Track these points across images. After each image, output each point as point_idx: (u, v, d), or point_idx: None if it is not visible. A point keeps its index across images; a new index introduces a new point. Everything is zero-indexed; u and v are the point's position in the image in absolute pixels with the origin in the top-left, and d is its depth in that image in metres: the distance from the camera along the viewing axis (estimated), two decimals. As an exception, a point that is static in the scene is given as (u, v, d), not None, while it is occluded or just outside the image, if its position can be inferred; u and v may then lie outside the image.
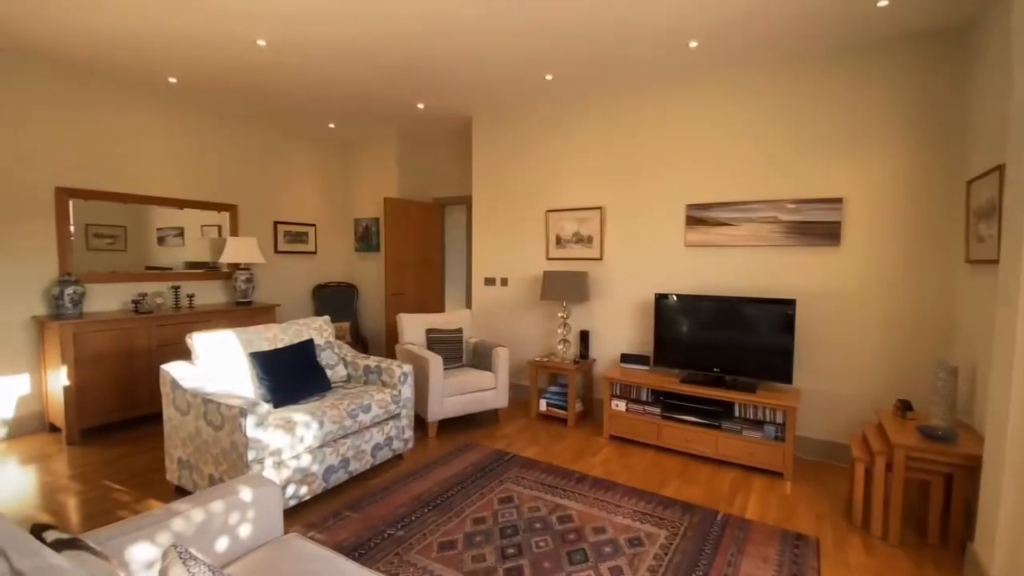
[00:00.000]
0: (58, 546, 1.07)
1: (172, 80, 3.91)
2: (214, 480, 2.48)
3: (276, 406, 2.79)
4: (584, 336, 4.13)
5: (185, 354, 3.99)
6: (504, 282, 4.71)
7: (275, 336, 3.12)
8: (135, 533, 1.28)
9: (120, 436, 3.62)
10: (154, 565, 1.29)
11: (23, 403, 3.59)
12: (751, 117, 3.50)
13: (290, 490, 2.48)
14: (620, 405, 3.63)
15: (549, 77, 3.80)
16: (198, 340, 2.76)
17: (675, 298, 3.62)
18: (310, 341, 3.22)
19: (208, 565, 0.79)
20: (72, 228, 3.79)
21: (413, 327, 4.08)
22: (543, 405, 4.08)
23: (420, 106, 4.52)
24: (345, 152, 6.08)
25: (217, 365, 2.78)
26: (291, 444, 2.49)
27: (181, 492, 2.77)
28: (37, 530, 1.14)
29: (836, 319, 3.29)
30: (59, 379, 3.40)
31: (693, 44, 3.19)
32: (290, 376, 2.93)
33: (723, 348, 3.43)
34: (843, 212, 3.22)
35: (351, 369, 3.43)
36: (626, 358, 3.86)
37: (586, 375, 4.20)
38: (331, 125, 5.21)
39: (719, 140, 3.62)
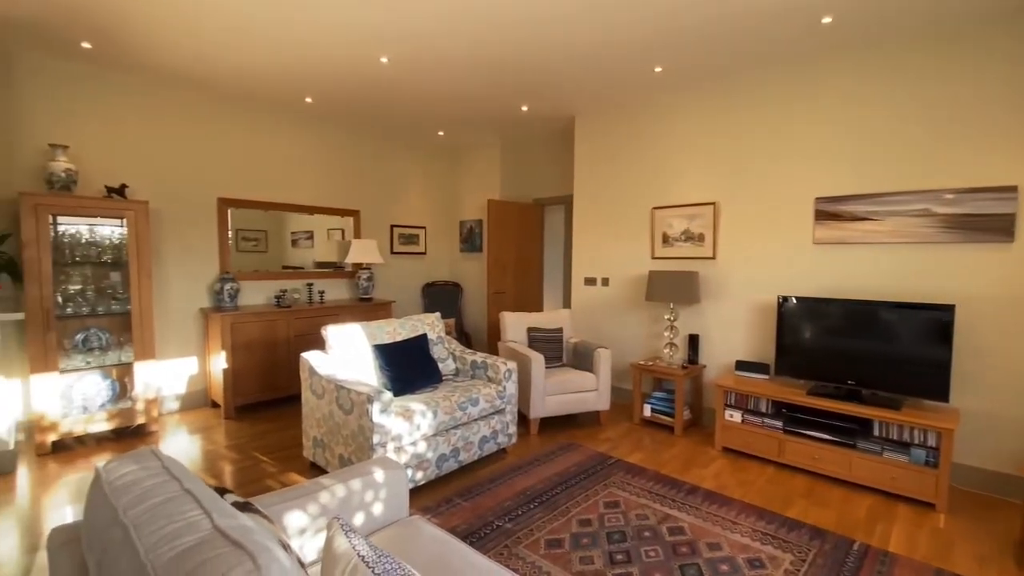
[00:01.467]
0: (236, 507, 1.25)
1: (308, 100, 4.39)
2: (344, 459, 2.74)
3: (395, 395, 3.01)
4: (693, 340, 3.92)
5: (317, 343, 4.46)
6: (605, 282, 4.63)
7: (394, 330, 3.37)
8: (291, 502, 1.45)
9: (265, 414, 4.14)
10: (305, 532, 1.46)
11: (192, 381, 4.26)
12: (897, 97, 3.08)
13: (407, 474, 2.66)
14: (735, 416, 3.39)
15: (659, 69, 3.66)
16: (331, 332, 3.07)
17: (802, 301, 3.30)
18: (424, 336, 3.43)
19: (365, 538, 0.87)
20: (230, 233, 4.41)
21: (515, 325, 4.17)
22: (647, 410, 3.95)
23: (524, 109, 4.60)
24: (452, 157, 6.38)
25: (346, 354, 3.06)
26: (409, 431, 2.67)
27: (315, 468, 3.09)
28: (219, 493, 1.35)
29: (1009, 329, 2.78)
30: (219, 362, 3.98)
31: (826, 20, 2.88)
32: (407, 367, 3.14)
33: (859, 358, 3.07)
34: (1018, 203, 2.72)
35: (459, 363, 3.60)
36: (742, 365, 3.60)
37: (695, 381, 3.98)
38: (440, 133, 5.49)
39: (857, 126, 3.23)
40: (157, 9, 2.81)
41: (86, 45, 3.29)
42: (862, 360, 3.06)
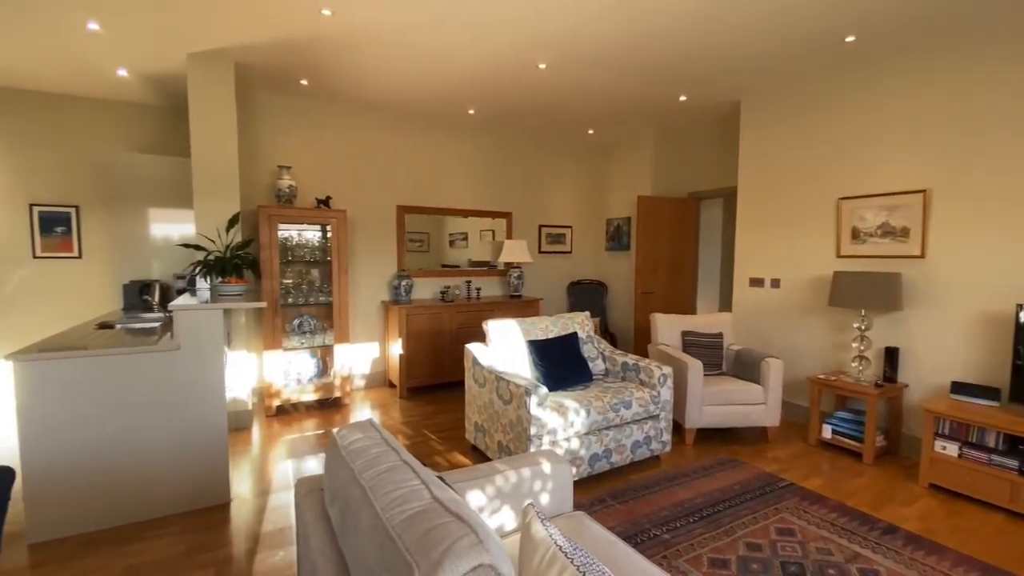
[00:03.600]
0: (431, 480, 1.41)
1: (471, 112, 4.74)
2: (502, 446, 2.91)
3: (549, 390, 3.10)
4: (891, 354, 3.33)
5: (475, 335, 4.81)
6: (775, 283, 4.17)
7: (547, 327, 3.47)
8: (471, 481, 1.59)
9: (431, 397, 4.60)
10: (483, 511, 1.59)
11: (374, 363, 4.91)
12: None
13: (571, 469, 2.73)
14: (949, 448, 2.81)
15: (851, 38, 3.17)
16: (491, 326, 3.28)
17: (1055, 313, 2.60)
18: (575, 334, 3.48)
19: (557, 528, 0.92)
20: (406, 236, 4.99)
21: (668, 328, 3.99)
22: (827, 432, 3.47)
23: (682, 99, 4.37)
24: (600, 155, 6.34)
25: (504, 347, 3.25)
26: (563, 426, 2.74)
27: (476, 450, 3.35)
28: (415, 464, 1.53)
29: None
30: (396, 348, 4.53)
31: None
32: (559, 364, 3.22)
33: None
34: None
35: (609, 364, 3.57)
36: (960, 388, 2.96)
37: (892, 403, 3.39)
38: (590, 131, 5.49)
39: None
40: (357, 49, 3.29)
41: (304, 82, 3.99)
42: None
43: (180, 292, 3.95)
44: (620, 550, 1.44)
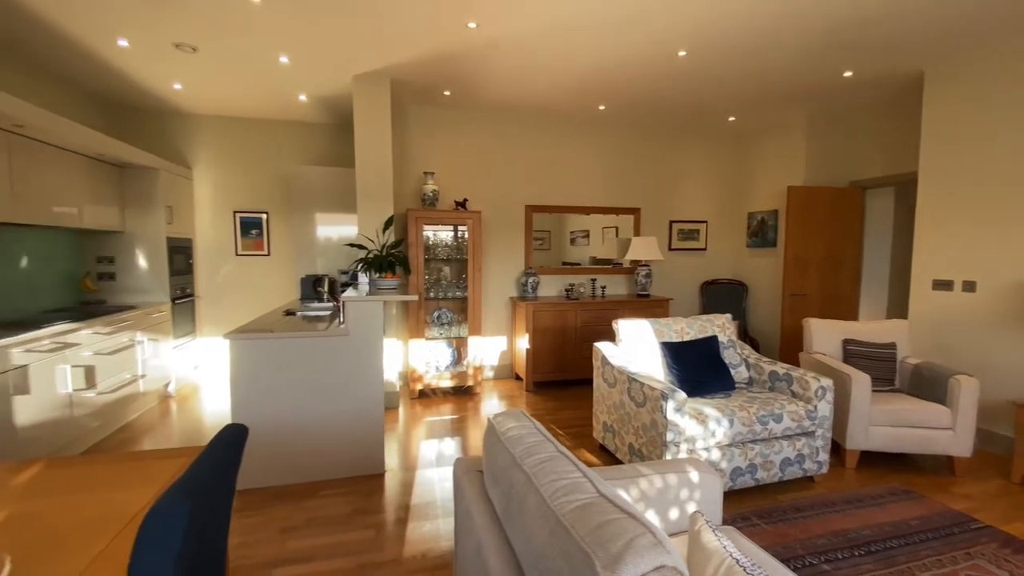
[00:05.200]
0: (579, 474, 1.43)
1: (601, 108, 4.69)
2: (634, 449, 2.86)
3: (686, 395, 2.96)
4: None
5: (599, 334, 4.78)
6: (968, 287, 3.49)
7: (682, 329, 3.32)
8: (616, 480, 1.59)
9: (555, 392, 4.68)
10: (627, 511, 1.58)
11: (502, 356, 5.13)
12: None
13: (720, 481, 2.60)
14: None
15: (1093, -16, 2.53)
16: (622, 325, 3.23)
17: None
18: (714, 338, 3.27)
19: (728, 538, 0.89)
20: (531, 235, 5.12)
21: (825, 335, 3.56)
22: (1043, 469, 2.82)
23: (847, 74, 3.84)
24: (741, 144, 5.85)
25: (635, 348, 3.18)
26: (703, 435, 2.60)
27: (604, 450, 3.33)
28: (560, 457, 1.56)
29: None
30: (522, 343, 4.68)
31: None
32: (696, 369, 3.06)
33: None
34: None
35: (753, 372, 3.30)
36: None
37: None
38: (731, 118, 5.10)
39: None
40: (496, 56, 3.44)
41: (447, 93, 4.29)
42: None
43: (344, 286, 4.51)
44: (782, 574, 1.33)
